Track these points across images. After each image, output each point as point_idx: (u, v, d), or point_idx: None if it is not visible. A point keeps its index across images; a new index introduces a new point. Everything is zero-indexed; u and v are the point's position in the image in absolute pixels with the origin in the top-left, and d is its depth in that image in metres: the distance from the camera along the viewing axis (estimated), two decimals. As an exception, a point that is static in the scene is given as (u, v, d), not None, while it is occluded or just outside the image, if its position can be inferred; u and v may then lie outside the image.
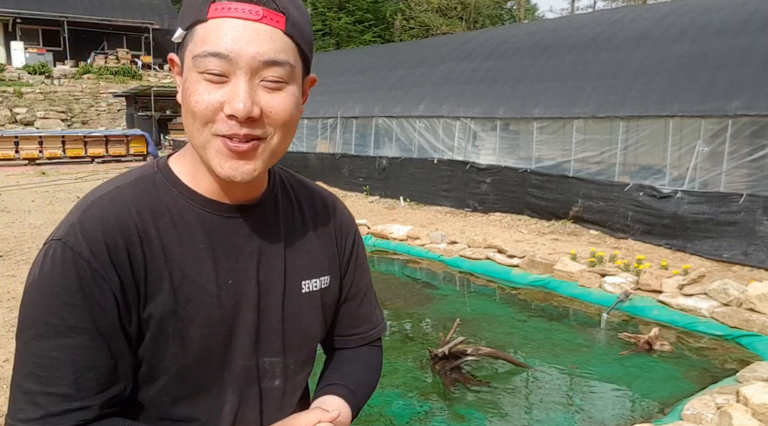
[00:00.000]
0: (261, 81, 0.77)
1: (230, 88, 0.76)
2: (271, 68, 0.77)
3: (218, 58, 0.74)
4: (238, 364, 0.86)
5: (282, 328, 0.90)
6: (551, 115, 8.91)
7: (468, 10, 32.18)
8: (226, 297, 0.84)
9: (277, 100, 0.78)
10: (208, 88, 0.76)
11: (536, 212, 8.96)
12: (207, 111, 0.76)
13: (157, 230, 0.82)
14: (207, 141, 0.78)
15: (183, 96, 0.80)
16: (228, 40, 0.74)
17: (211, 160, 0.79)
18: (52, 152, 16.73)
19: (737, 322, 4.86)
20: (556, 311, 5.74)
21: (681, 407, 3.51)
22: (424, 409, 3.82)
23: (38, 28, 25.98)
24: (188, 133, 0.81)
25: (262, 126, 0.78)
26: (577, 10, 32.55)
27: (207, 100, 0.76)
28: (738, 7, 8.29)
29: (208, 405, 0.86)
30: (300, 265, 0.93)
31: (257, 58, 0.75)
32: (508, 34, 12.07)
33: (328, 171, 12.84)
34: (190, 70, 0.78)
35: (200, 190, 0.85)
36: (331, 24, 29.05)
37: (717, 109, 7.02)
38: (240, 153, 0.78)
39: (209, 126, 0.77)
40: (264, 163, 0.81)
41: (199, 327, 0.82)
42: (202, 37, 0.76)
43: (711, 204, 6.94)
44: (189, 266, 0.82)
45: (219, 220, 0.85)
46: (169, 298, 0.81)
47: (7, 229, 8.20)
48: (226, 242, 0.85)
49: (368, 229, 8.36)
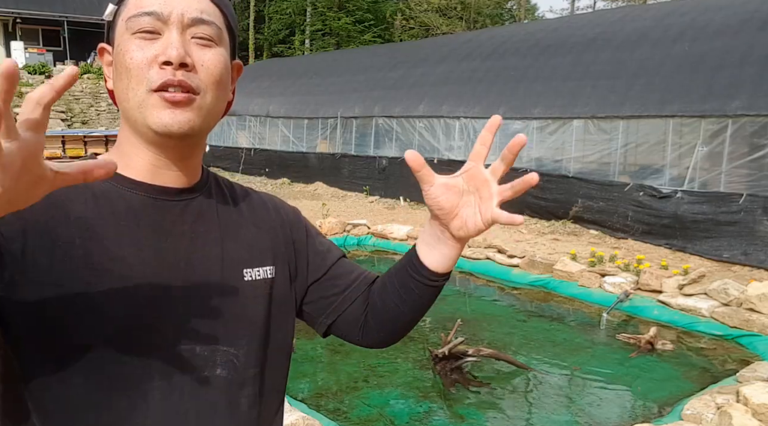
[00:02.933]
0: (192, 38, 0.81)
1: (161, 42, 0.79)
2: (200, 26, 0.81)
3: (150, 16, 0.78)
4: (167, 349, 0.79)
5: (222, 315, 0.85)
6: (551, 115, 8.91)
7: (468, 10, 32.18)
8: (150, 275, 0.79)
9: (209, 56, 0.81)
10: (141, 44, 0.79)
11: (536, 212, 8.96)
12: (141, 64, 0.78)
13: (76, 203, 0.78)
14: (143, 99, 0.79)
15: (117, 59, 0.81)
16: (159, 0, 0.79)
17: (148, 117, 0.79)
18: (52, 152, 16.71)
19: (737, 322, 4.86)
20: (556, 311, 5.74)
21: (681, 407, 3.51)
22: (424, 409, 3.82)
23: (38, 28, 25.99)
24: (122, 98, 0.81)
25: (197, 79, 0.80)
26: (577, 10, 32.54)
27: (141, 55, 0.78)
28: (738, 7, 8.29)
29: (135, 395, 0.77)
30: (240, 254, 0.89)
31: (186, 15, 0.80)
32: (508, 34, 12.07)
33: (328, 171, 12.83)
34: (123, 34, 0.80)
35: (128, 173, 0.83)
36: (331, 24, 29.04)
37: (717, 109, 7.02)
38: (176, 103, 0.79)
39: (143, 83, 0.78)
40: (199, 118, 0.81)
41: (118, 301, 0.76)
42: (134, 3, 0.80)
43: (711, 204, 6.94)
44: (110, 240, 0.78)
45: (145, 200, 0.83)
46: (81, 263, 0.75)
47: (7, 229, 8.19)
48: (152, 222, 0.82)
49: (368, 229, 8.35)
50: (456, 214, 0.84)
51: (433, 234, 0.89)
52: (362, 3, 29.38)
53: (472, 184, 0.83)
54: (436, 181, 0.83)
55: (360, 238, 8.26)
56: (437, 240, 0.89)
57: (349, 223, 8.46)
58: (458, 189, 0.83)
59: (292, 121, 13.95)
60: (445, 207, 0.83)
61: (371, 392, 4.02)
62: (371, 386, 4.10)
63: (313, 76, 15.06)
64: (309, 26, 30.26)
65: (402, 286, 0.94)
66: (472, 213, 0.83)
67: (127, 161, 0.83)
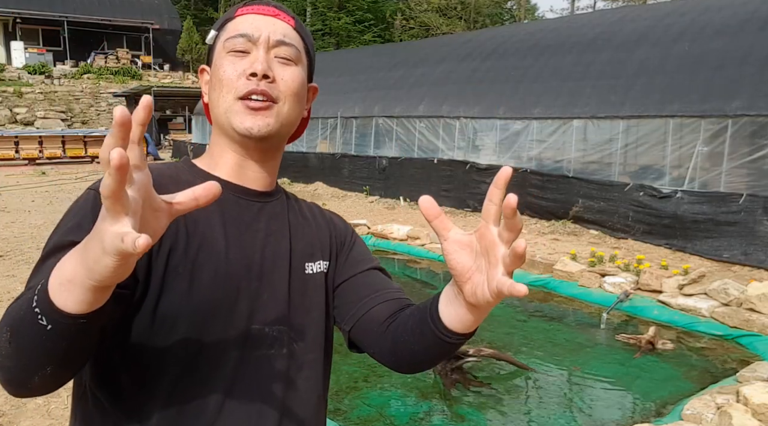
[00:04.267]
0: (275, 57, 0.95)
1: (250, 58, 0.94)
2: (282, 47, 0.95)
3: (243, 37, 0.94)
4: (242, 326, 0.91)
5: (288, 301, 0.96)
6: (551, 115, 8.91)
7: (468, 10, 32.19)
8: (234, 258, 0.92)
9: (288, 72, 0.96)
10: (233, 60, 0.94)
11: (536, 212, 8.96)
12: (232, 76, 0.93)
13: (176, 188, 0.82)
14: (230, 105, 0.93)
15: (214, 73, 0.96)
16: (250, 25, 0.95)
17: (233, 121, 0.93)
18: (52, 152, 16.73)
19: (737, 322, 4.86)
20: (556, 311, 5.74)
21: (681, 407, 3.51)
22: (424, 409, 3.82)
23: (38, 28, 26.00)
24: (214, 106, 0.96)
25: (276, 90, 0.94)
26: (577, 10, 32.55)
27: (232, 69, 0.93)
28: (738, 7, 8.29)
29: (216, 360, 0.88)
30: (303, 248, 1.02)
31: (272, 37, 0.95)
32: (508, 34, 12.07)
33: (328, 171, 12.84)
34: (220, 53, 0.96)
35: (217, 172, 0.97)
36: (331, 24, 29.06)
37: (717, 109, 7.03)
38: (257, 109, 0.92)
39: (232, 92, 0.93)
40: (277, 123, 0.94)
41: (208, 275, 0.88)
42: (231, 28, 0.96)
43: (711, 204, 6.94)
44: (201, 222, 0.91)
45: (230, 197, 0.95)
46: (183, 241, 0.88)
47: (7, 229, 8.20)
48: (235, 215, 0.95)
49: (368, 229, 8.36)
50: (468, 278, 0.75)
51: (451, 291, 0.83)
52: (362, 3, 29.41)
53: (482, 245, 0.73)
54: (450, 236, 0.75)
55: (360, 238, 8.25)
56: (454, 298, 0.82)
57: (349, 223, 8.46)
58: (472, 249, 0.75)
59: (292, 121, 13.95)
60: (456, 268, 0.75)
61: (371, 392, 4.02)
62: (371, 386, 4.10)
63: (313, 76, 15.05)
64: (309, 26, 30.22)
65: (419, 325, 0.90)
66: (482, 280, 0.74)
67: (216, 162, 0.99)
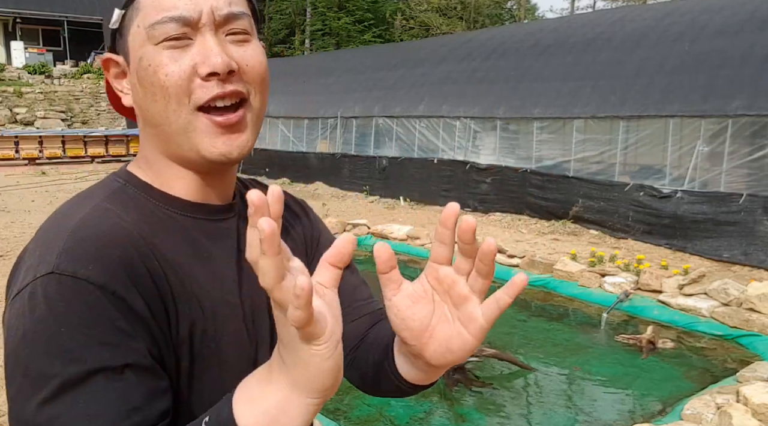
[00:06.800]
0: (226, 35, 0.70)
1: (197, 49, 0.68)
2: (233, 21, 0.70)
3: (177, 21, 0.67)
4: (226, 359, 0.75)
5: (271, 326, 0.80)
6: (551, 115, 8.92)
7: (468, 10, 32.19)
8: (245, 306, 0.75)
9: (249, 53, 0.72)
10: (173, 55, 0.68)
11: (536, 212, 8.96)
12: (181, 80, 0.68)
13: (161, 241, 0.69)
14: (188, 121, 0.69)
15: (146, 77, 0.69)
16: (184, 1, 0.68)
17: (200, 143, 0.70)
18: (52, 152, 16.73)
19: (737, 322, 4.85)
20: (556, 311, 5.74)
21: (681, 407, 3.51)
22: (425, 409, 3.82)
23: (38, 28, 26.00)
24: (158, 121, 0.70)
25: (242, 82, 0.71)
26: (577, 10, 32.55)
27: (178, 68, 0.68)
28: (738, 7, 8.29)
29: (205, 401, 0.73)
30: None
31: (216, 12, 0.69)
32: (508, 34, 12.07)
33: (328, 171, 12.84)
34: (144, 45, 0.69)
35: (178, 194, 0.75)
36: (331, 24, 29.06)
37: (717, 109, 7.03)
38: (230, 126, 0.70)
39: (187, 101, 0.69)
40: (252, 132, 0.73)
41: (231, 345, 0.72)
42: (151, 5, 0.68)
43: (711, 204, 6.94)
44: (203, 277, 0.71)
45: (212, 225, 0.76)
46: (198, 315, 0.69)
47: (7, 229, 8.20)
48: (229, 247, 0.76)
49: (368, 229, 8.36)
50: (430, 336, 0.63)
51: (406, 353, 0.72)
52: (362, 3, 29.40)
53: (440, 291, 0.63)
54: (402, 290, 0.63)
55: (360, 238, 8.25)
56: (411, 360, 0.72)
57: (349, 223, 8.47)
58: (428, 299, 0.63)
59: (292, 120, 13.96)
60: (413, 327, 0.63)
61: (371, 392, 4.01)
62: (371, 386, 4.09)
63: (313, 76, 15.06)
64: (309, 26, 30.28)
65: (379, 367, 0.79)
66: (453, 329, 0.62)
67: (170, 182, 0.75)
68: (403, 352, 0.73)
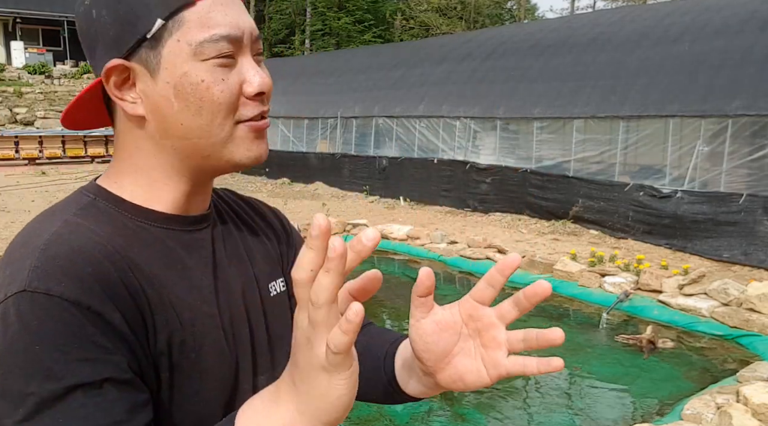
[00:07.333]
0: (252, 56, 0.73)
1: (240, 68, 0.71)
2: (258, 42, 0.74)
3: (226, 40, 0.69)
4: (244, 387, 0.76)
5: (268, 338, 0.81)
6: (551, 115, 8.92)
7: (468, 10, 32.20)
8: (224, 315, 0.75)
9: (266, 71, 0.75)
10: (223, 73, 0.70)
11: (536, 212, 8.96)
12: (233, 97, 0.71)
13: (137, 253, 0.69)
14: (229, 133, 0.72)
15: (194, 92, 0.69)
16: (229, 19, 0.70)
17: (236, 151, 0.72)
18: (52, 152, 16.73)
19: (737, 322, 4.86)
20: (556, 311, 5.74)
21: (681, 407, 3.51)
22: (424, 409, 3.82)
23: (38, 28, 26.00)
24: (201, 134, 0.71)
25: None
26: (577, 10, 32.54)
27: (229, 86, 0.70)
28: (738, 7, 8.29)
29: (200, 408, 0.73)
30: (262, 268, 0.84)
31: (253, 33, 0.72)
32: (508, 34, 12.08)
33: (328, 171, 12.84)
34: (189, 60, 0.68)
35: (158, 207, 0.74)
36: (331, 24, 29.05)
37: (717, 109, 7.03)
38: (262, 131, 0.75)
39: (232, 116, 0.71)
40: None
41: (211, 355, 0.72)
42: (199, 21, 0.68)
43: (711, 204, 6.94)
44: (180, 288, 0.71)
45: (187, 235, 0.76)
46: (176, 326, 0.69)
47: (7, 229, 8.20)
48: (205, 257, 0.76)
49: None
50: (448, 363, 0.66)
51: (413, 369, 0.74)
52: (362, 3, 29.38)
53: (472, 327, 0.66)
54: (431, 316, 0.65)
55: (360, 238, 8.25)
56: (419, 376, 0.73)
57: (349, 223, 8.47)
58: (456, 330, 0.66)
59: (292, 121, 13.97)
60: (435, 351, 0.66)
61: (371, 392, 4.01)
62: (371, 386, 4.09)
63: (313, 76, 15.07)
64: (309, 26, 30.28)
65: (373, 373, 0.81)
66: (473, 365, 0.65)
67: (157, 195, 0.75)
68: (410, 367, 0.75)
